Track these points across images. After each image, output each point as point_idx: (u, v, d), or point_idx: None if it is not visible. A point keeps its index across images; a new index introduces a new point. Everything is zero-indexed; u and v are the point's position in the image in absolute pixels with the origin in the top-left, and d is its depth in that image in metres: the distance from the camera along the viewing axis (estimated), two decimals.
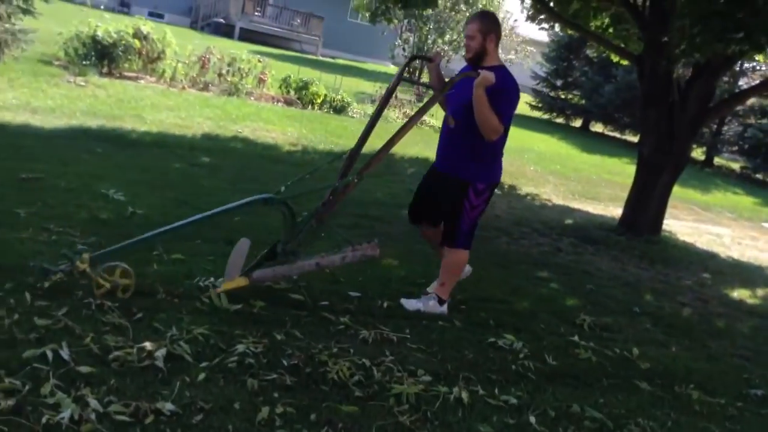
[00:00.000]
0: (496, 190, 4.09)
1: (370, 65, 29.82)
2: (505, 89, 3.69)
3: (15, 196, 4.45)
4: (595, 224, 7.98)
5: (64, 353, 2.64)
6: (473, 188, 3.85)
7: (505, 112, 3.72)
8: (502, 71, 3.74)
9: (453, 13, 19.40)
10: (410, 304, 4.00)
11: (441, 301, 4.02)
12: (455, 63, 26.90)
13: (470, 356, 3.49)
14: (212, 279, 3.69)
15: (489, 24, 3.83)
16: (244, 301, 3.50)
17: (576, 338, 4.08)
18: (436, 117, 13.92)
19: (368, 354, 3.23)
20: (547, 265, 5.72)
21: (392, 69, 29.57)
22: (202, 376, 2.71)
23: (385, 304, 3.93)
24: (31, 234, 3.82)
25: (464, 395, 3.00)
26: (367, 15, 15.97)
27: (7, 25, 8.87)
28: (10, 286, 3.14)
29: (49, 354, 2.61)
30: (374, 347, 3.36)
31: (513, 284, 4.96)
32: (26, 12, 9.21)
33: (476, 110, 3.64)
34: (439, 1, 16.60)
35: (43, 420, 2.23)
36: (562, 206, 9.09)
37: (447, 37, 19.71)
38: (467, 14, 19.97)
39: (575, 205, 9.48)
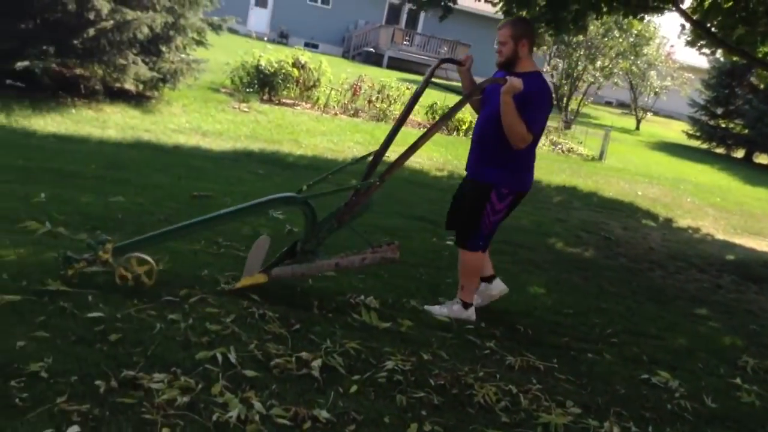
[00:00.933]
0: (650, 222, 3.95)
1: None
2: (533, 96, 3.57)
3: (188, 211, 4.87)
4: (760, 261, 7.43)
5: (232, 357, 2.85)
6: (497, 192, 3.75)
7: (534, 119, 3.60)
8: (533, 77, 3.64)
9: (605, 39, 18.88)
10: (436, 310, 3.91)
11: (466, 305, 3.91)
12: (605, 91, 26.12)
13: (622, 391, 3.37)
14: (362, 296, 3.83)
15: (521, 29, 3.73)
16: (392, 319, 3.60)
17: (738, 380, 3.82)
18: (586, 146, 13.56)
19: (514, 380, 3.21)
20: (705, 302, 5.40)
21: None
22: (354, 388, 2.82)
23: (530, 332, 3.89)
24: (203, 246, 4.16)
25: (615, 431, 2.91)
26: None
27: (182, 56, 9.74)
28: (184, 293, 3.43)
29: (219, 357, 2.83)
30: (520, 374, 3.33)
31: (668, 320, 4.73)
32: (199, 43, 10.07)
33: (503, 117, 3.56)
34: (591, 27, 16.23)
35: (214, 417, 2.42)
36: (722, 241, 8.54)
37: (598, 63, 19.18)
38: (620, 40, 19.37)
39: (737, 240, 8.87)
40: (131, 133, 7.66)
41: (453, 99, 13.63)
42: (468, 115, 13.58)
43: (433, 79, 3.92)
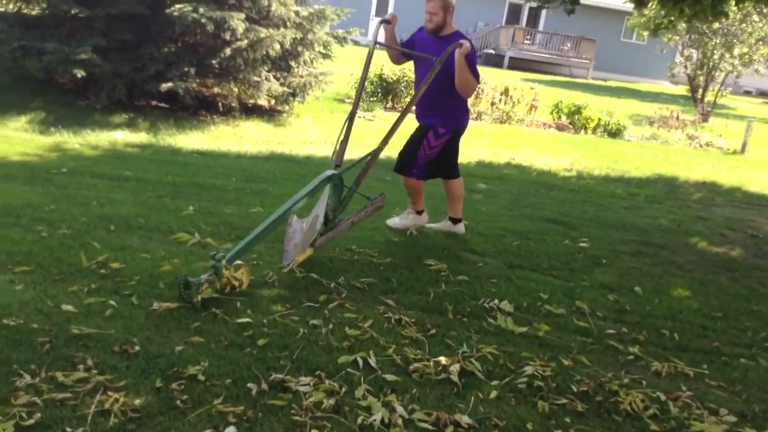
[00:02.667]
0: None
1: (645, 85, 28.30)
2: (472, 52, 4.36)
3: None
4: None
5: (372, 361, 2.93)
6: (434, 131, 4.60)
7: (477, 71, 4.49)
8: (460, 35, 4.49)
9: (743, 25, 17.60)
10: (395, 222, 4.99)
11: (418, 212, 5.01)
12: (744, 80, 24.31)
13: None
14: (496, 301, 3.80)
15: (447, 1, 4.51)
16: (528, 324, 3.55)
17: None
18: (725, 138, 12.69)
19: (662, 387, 3.07)
20: None
21: (670, 88, 27.75)
22: (494, 393, 2.81)
23: (676, 336, 3.71)
24: (337, 254, 4.29)
25: None
26: (644, 33, 15.21)
27: (310, 69, 10.08)
28: (324, 298, 3.55)
29: (360, 361, 2.91)
30: (668, 381, 3.18)
31: None
32: (325, 56, 10.38)
33: (460, 75, 4.34)
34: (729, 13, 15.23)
35: (359, 420, 2.49)
36: None
37: (736, 51, 17.92)
38: (760, 25, 17.99)
39: None
40: (266, 146, 8.01)
41: (577, 95, 13.16)
42: (595, 113, 13.12)
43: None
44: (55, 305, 3.08)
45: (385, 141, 4.40)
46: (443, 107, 4.58)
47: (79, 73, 7.94)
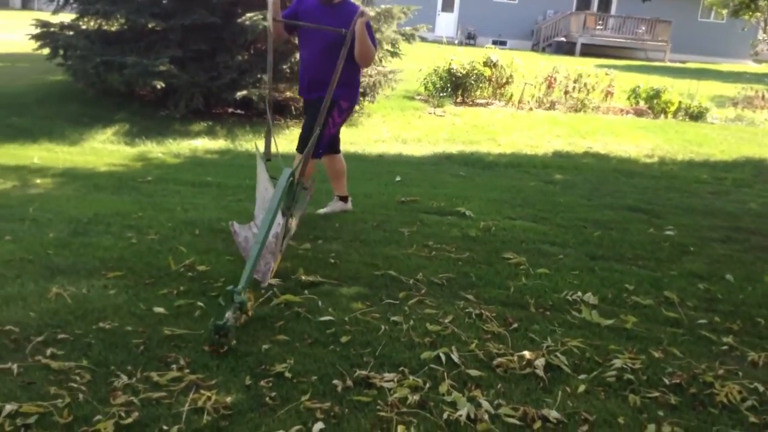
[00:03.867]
0: None
1: (726, 65, 27.08)
2: (368, 21, 4.21)
3: (398, 217, 5.04)
4: None
5: (455, 356, 2.91)
6: (338, 106, 4.40)
7: (375, 40, 4.39)
8: (354, 5, 4.30)
9: None
10: (322, 211, 4.94)
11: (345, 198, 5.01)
12: None
13: None
14: (579, 293, 3.72)
15: None
16: (614, 316, 3.46)
17: None
18: None
19: (760, 378, 2.93)
20: None
21: (754, 67, 26.45)
22: (581, 387, 2.74)
23: None
24: (415, 250, 4.29)
25: None
26: (723, 12, 14.56)
27: (379, 68, 10.12)
28: (403, 294, 3.56)
29: (442, 356, 2.90)
30: (766, 371, 3.03)
31: None
32: (394, 54, 10.41)
33: (363, 46, 4.18)
34: None
35: (444, 416, 2.48)
36: None
37: None
38: None
39: None
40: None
41: (655, 79, 12.67)
42: (675, 96, 12.65)
43: None
44: (147, 308, 3.20)
45: (320, 126, 4.01)
46: (343, 81, 4.14)
47: (159, 84, 8.24)
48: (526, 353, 2.97)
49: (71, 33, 9.26)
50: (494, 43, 25.52)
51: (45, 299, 3.23)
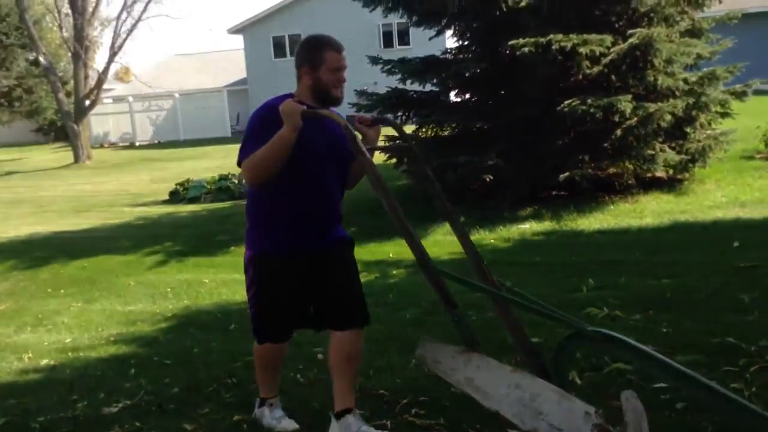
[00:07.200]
0: None
1: None
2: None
3: (737, 283, 4.82)
4: None
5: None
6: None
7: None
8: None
9: None
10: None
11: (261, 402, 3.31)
12: None
13: None
14: None
15: None
16: None
17: None
18: None
19: None
20: None
21: None
22: None
23: None
24: (757, 317, 4.08)
25: None
26: None
27: (708, 132, 9.67)
28: (743, 362, 3.44)
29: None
30: None
31: None
32: (724, 115, 9.87)
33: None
34: None
35: None
36: None
37: None
38: None
39: None
40: (667, 217, 7.90)
41: None
42: None
43: None
44: None
45: None
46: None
47: (488, 178, 9.03)
48: None
49: (414, 142, 10.67)
50: None
51: (407, 369, 3.86)
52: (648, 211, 8.39)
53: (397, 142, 3.49)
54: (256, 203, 3.00)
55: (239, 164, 2.87)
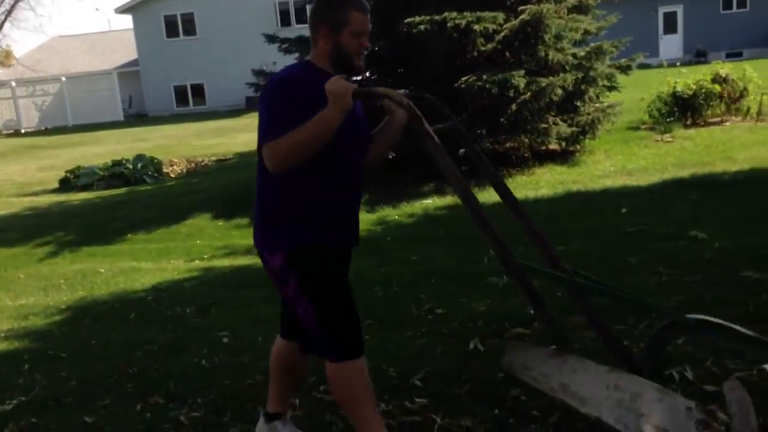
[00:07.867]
0: None
1: None
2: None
3: (624, 247, 5.08)
4: None
5: (689, 374, 2.97)
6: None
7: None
8: None
9: None
10: None
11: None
12: None
13: None
14: None
15: None
16: None
17: None
18: None
19: None
20: None
21: None
22: None
23: None
24: (643, 277, 4.32)
25: None
26: None
27: (596, 105, 10.11)
28: (632, 320, 3.64)
29: (676, 375, 2.97)
30: None
31: None
32: (611, 89, 10.35)
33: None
34: None
35: None
36: None
37: None
38: None
39: None
40: (561, 187, 8.22)
41: None
42: None
43: None
44: (397, 348, 3.68)
45: None
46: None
47: (390, 155, 9.07)
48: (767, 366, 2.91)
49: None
50: (728, 56, 23.72)
51: None
52: (543, 182, 8.70)
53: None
54: (289, 192, 2.45)
55: (261, 146, 2.34)
